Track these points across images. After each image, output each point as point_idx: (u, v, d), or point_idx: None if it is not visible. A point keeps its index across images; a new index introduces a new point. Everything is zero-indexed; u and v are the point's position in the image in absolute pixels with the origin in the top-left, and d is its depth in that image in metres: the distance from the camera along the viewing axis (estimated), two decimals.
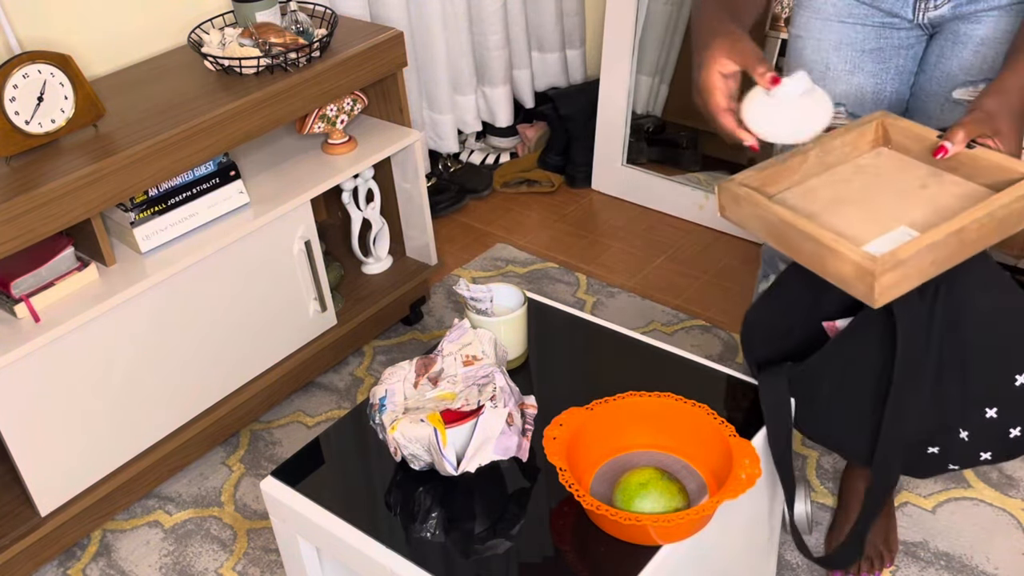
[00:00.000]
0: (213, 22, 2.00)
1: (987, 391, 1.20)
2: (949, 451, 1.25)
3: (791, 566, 1.65)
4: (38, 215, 1.52)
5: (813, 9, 1.42)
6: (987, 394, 1.20)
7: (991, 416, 1.21)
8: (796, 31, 1.47)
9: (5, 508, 1.70)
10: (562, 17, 2.87)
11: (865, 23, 1.40)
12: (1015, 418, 1.21)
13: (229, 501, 1.87)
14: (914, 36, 1.41)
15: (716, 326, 2.21)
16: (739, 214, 1.18)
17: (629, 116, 2.66)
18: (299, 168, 1.98)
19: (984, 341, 1.18)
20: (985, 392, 1.20)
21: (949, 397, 1.21)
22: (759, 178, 1.20)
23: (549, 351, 1.41)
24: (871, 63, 1.43)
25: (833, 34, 1.42)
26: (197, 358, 1.82)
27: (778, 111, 1.11)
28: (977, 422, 1.22)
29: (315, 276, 1.97)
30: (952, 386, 1.21)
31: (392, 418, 1.18)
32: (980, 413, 1.21)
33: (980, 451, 1.25)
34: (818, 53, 1.44)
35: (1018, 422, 1.21)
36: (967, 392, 1.21)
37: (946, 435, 1.24)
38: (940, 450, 1.25)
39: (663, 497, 1.08)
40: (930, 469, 1.29)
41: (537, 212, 2.71)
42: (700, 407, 1.17)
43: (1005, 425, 1.22)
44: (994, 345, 1.18)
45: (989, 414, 1.21)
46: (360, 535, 1.15)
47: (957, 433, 1.23)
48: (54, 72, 1.59)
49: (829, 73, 1.44)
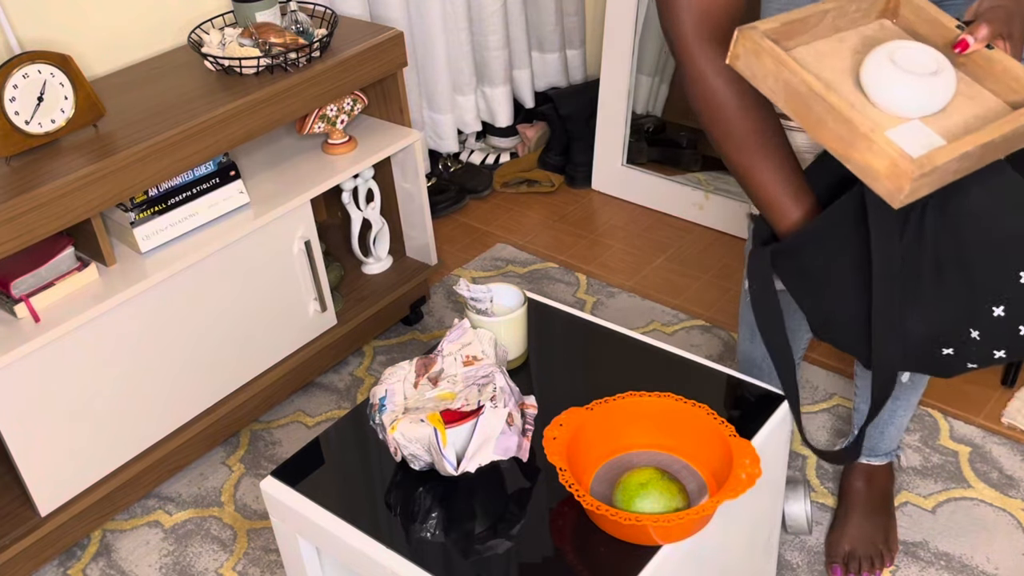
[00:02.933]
0: (213, 22, 2.00)
1: (992, 289, 1.18)
2: (964, 351, 1.24)
3: (791, 566, 1.65)
4: (38, 215, 1.52)
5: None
6: (992, 292, 1.18)
7: (999, 314, 1.20)
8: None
9: (5, 508, 1.70)
10: (562, 17, 2.87)
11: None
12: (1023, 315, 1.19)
13: (229, 501, 1.87)
14: None
15: (716, 326, 2.21)
16: (756, 68, 1.08)
17: (629, 116, 2.66)
18: (299, 168, 1.98)
19: (984, 237, 1.15)
20: (990, 290, 1.18)
21: (954, 297, 1.20)
22: (779, 31, 1.10)
23: (549, 351, 1.41)
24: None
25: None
26: (197, 358, 1.82)
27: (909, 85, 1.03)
28: (986, 321, 1.20)
29: (315, 276, 1.97)
30: (956, 286, 1.19)
31: (392, 418, 1.18)
32: (988, 312, 1.20)
33: (993, 350, 1.23)
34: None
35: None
36: (973, 291, 1.19)
37: (958, 336, 1.23)
38: (955, 351, 1.24)
39: (663, 497, 1.08)
40: (951, 368, 1.28)
41: (537, 212, 2.71)
42: (700, 407, 1.17)
43: (1014, 322, 1.20)
44: (995, 241, 1.15)
45: (997, 312, 1.19)
46: (360, 535, 1.15)
47: (968, 333, 1.22)
48: (54, 72, 1.59)
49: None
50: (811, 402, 1.98)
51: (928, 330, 1.22)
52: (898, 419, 1.62)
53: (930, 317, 1.22)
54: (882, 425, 1.63)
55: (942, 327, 1.22)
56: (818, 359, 2.08)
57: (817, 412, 1.96)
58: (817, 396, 1.99)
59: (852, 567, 1.61)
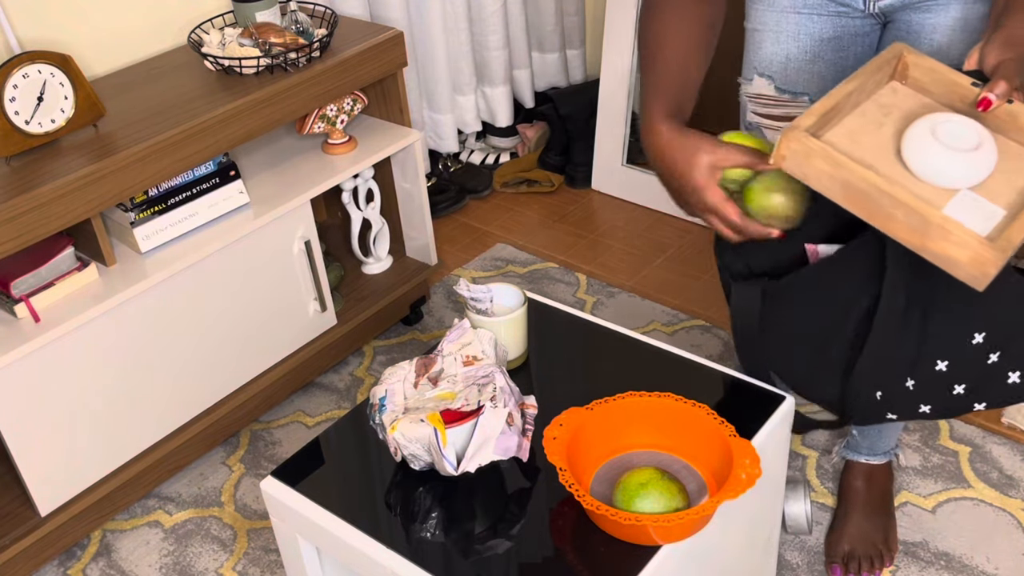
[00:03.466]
0: (213, 22, 2.00)
1: (943, 343, 1.19)
2: (892, 398, 1.24)
3: (791, 566, 1.65)
4: (38, 215, 1.52)
5: (767, 3, 1.42)
6: (942, 346, 1.20)
7: (940, 369, 1.20)
8: (752, 25, 1.47)
9: (5, 508, 1.70)
10: (562, 17, 2.88)
11: (820, 13, 1.40)
12: (962, 375, 1.19)
13: (229, 501, 1.87)
14: (868, 25, 1.41)
15: (716, 326, 2.21)
16: (807, 168, 1.08)
17: (629, 116, 2.66)
18: (299, 168, 1.98)
19: (953, 294, 1.16)
20: (940, 344, 1.19)
21: (904, 343, 1.21)
22: (818, 124, 1.10)
23: (549, 351, 1.41)
24: (830, 52, 1.43)
25: (791, 25, 1.42)
26: (197, 358, 1.82)
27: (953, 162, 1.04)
28: (926, 373, 1.21)
29: (315, 276, 1.97)
30: (910, 332, 1.20)
31: (392, 418, 1.18)
32: (931, 364, 1.21)
33: (921, 403, 1.24)
34: (777, 45, 1.44)
35: (964, 380, 1.19)
36: (924, 342, 1.20)
37: (893, 381, 1.23)
38: (883, 395, 1.25)
39: (663, 497, 1.08)
40: (874, 413, 1.28)
41: (537, 212, 2.71)
42: (700, 407, 1.17)
43: (951, 380, 1.21)
44: (960, 297, 1.16)
45: (939, 367, 1.20)
46: (360, 535, 1.15)
47: (904, 381, 1.22)
48: (54, 72, 1.59)
49: (790, 64, 1.44)
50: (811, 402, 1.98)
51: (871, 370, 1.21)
52: None
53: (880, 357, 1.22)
54: (880, 424, 1.63)
55: (884, 371, 1.22)
56: None
57: (816, 412, 1.96)
58: None
59: (852, 567, 1.61)
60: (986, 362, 1.17)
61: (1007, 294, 1.14)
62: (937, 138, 1.05)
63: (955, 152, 1.04)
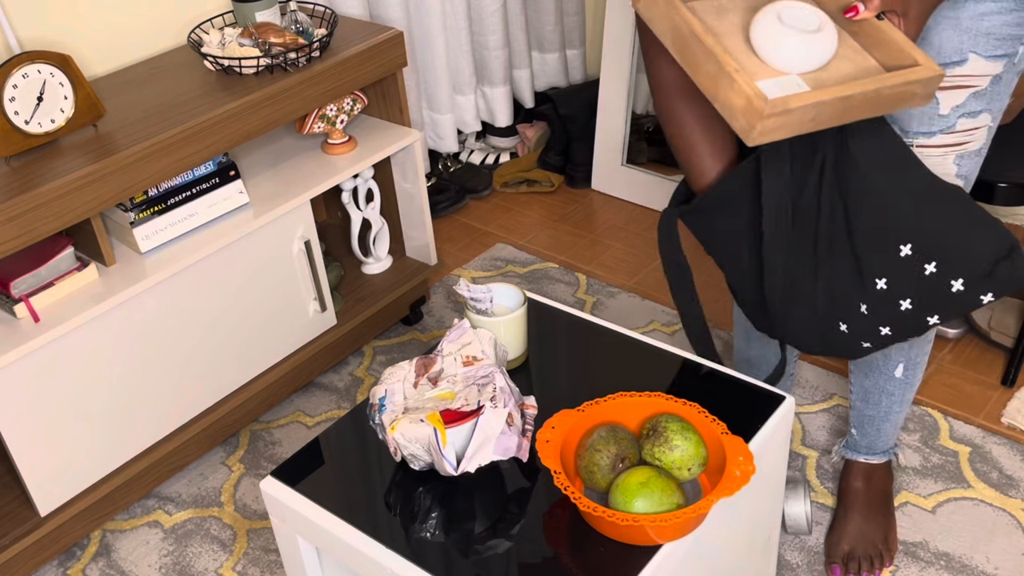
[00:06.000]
0: (213, 22, 2.00)
1: (875, 261, 1.21)
2: (856, 327, 1.26)
3: (791, 566, 1.65)
4: (38, 215, 1.52)
5: None
6: (876, 265, 1.22)
7: (881, 287, 1.22)
8: None
9: (5, 508, 1.70)
10: (562, 17, 2.88)
11: None
12: (903, 290, 1.21)
13: (229, 501, 1.87)
14: None
15: (716, 326, 2.21)
16: (652, 11, 1.16)
17: (629, 116, 2.66)
18: (299, 168, 1.98)
19: (870, 210, 1.19)
20: (874, 262, 1.22)
21: (845, 269, 1.23)
22: None
23: (549, 351, 1.41)
24: None
25: None
26: (197, 358, 1.82)
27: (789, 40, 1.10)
28: (871, 295, 1.23)
29: (315, 276, 1.97)
30: (845, 257, 1.22)
31: (392, 418, 1.18)
32: (872, 285, 1.22)
33: (879, 326, 1.25)
34: None
35: (907, 294, 1.21)
36: (859, 263, 1.22)
37: (849, 310, 1.26)
38: (848, 328, 1.27)
39: (662, 496, 1.08)
40: (849, 349, 1.31)
41: (537, 212, 2.71)
42: (692, 406, 1.17)
43: (895, 297, 1.22)
44: (879, 215, 1.19)
45: (879, 285, 1.22)
46: (360, 535, 1.15)
47: (858, 307, 1.24)
48: (54, 72, 1.59)
49: None
50: (810, 402, 1.98)
51: (827, 300, 1.26)
52: (893, 416, 1.62)
53: (829, 287, 1.25)
54: (878, 422, 1.63)
55: (838, 299, 1.25)
56: (818, 359, 2.09)
57: (816, 412, 1.96)
58: (816, 396, 1.99)
59: (851, 567, 1.61)
60: (923, 274, 1.20)
61: (925, 206, 1.18)
62: (780, 19, 1.12)
63: (791, 31, 1.11)
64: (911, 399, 1.62)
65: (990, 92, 1.24)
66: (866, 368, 1.58)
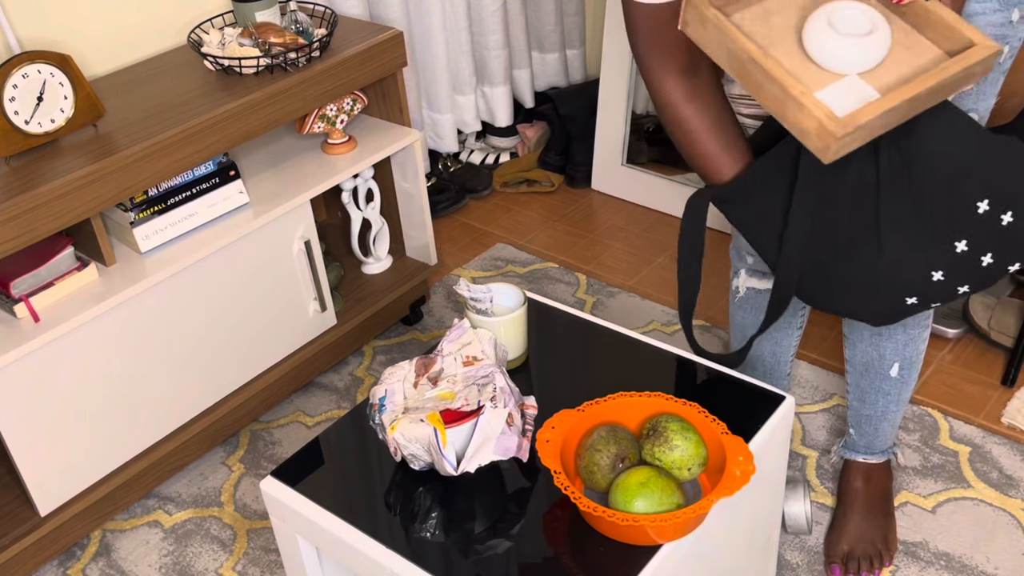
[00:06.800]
0: (213, 22, 2.00)
1: (952, 224, 1.22)
2: (928, 295, 1.27)
3: (791, 566, 1.65)
4: (38, 215, 1.52)
5: None
6: (953, 227, 1.22)
7: (962, 250, 1.22)
8: None
9: (5, 508, 1.70)
10: (562, 17, 2.87)
11: None
12: (984, 246, 1.22)
13: (229, 501, 1.87)
14: None
15: (716, 326, 2.21)
16: (702, 36, 1.15)
17: (629, 116, 2.66)
18: (299, 168, 1.98)
19: (939, 176, 1.20)
20: (951, 225, 1.22)
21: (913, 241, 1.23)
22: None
23: (549, 351, 1.41)
24: None
25: None
26: (197, 358, 1.82)
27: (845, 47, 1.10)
28: (949, 258, 1.23)
29: (315, 276, 1.97)
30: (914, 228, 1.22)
31: (392, 418, 1.18)
32: (950, 249, 1.23)
33: (958, 286, 1.26)
34: None
35: (988, 248, 1.22)
36: (934, 230, 1.22)
37: (922, 283, 1.26)
38: (919, 299, 1.27)
39: (662, 496, 1.08)
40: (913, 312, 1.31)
41: (537, 212, 2.71)
42: (692, 405, 1.17)
43: (977, 254, 1.23)
44: (950, 176, 1.19)
45: (960, 248, 1.22)
46: (360, 535, 1.15)
47: (931, 277, 1.25)
48: (54, 72, 1.59)
49: None
50: (810, 402, 1.98)
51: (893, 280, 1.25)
52: (891, 415, 1.62)
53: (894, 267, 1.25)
54: (875, 422, 1.63)
55: (906, 276, 1.25)
56: (818, 359, 2.09)
57: (816, 412, 1.96)
58: (816, 396, 1.99)
59: (851, 567, 1.61)
60: (1000, 224, 1.20)
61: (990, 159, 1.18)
62: (831, 24, 1.12)
63: (844, 37, 1.11)
64: (908, 399, 1.62)
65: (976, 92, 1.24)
66: (862, 368, 1.58)
